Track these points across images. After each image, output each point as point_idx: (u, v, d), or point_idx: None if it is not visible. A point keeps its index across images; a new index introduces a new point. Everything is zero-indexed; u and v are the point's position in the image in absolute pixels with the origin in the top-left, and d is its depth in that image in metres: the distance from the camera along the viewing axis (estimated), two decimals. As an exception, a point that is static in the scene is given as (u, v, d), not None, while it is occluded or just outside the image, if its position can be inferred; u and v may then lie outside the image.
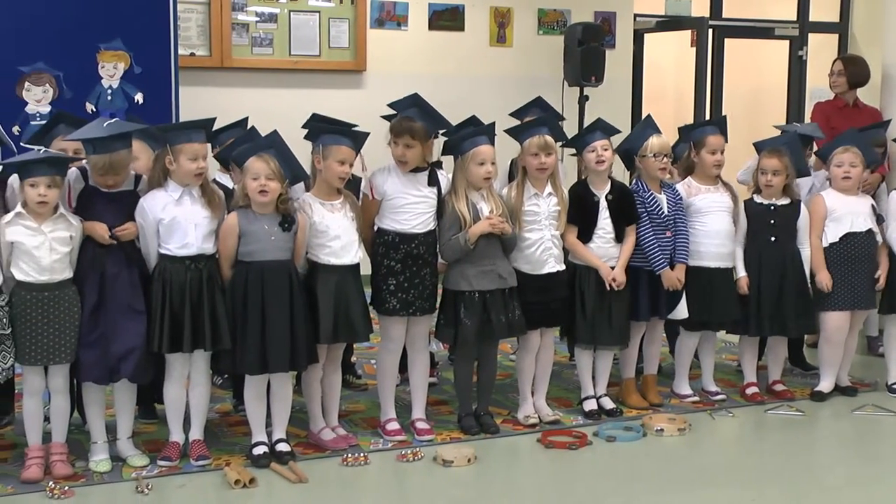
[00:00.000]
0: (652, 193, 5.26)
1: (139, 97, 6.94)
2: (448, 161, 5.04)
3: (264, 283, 4.45)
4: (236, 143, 4.81)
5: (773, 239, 5.43)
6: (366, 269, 4.82)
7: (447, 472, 4.56)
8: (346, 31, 8.52)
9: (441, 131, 5.07)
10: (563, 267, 5.08)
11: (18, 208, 4.28)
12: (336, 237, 4.62)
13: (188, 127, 4.56)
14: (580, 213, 5.10)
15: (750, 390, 5.59)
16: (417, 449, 4.74)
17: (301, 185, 4.75)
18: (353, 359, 5.82)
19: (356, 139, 4.69)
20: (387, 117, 5.00)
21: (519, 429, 5.10)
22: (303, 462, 4.57)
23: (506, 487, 4.46)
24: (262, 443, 4.60)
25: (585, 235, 5.11)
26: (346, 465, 4.58)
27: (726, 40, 10.25)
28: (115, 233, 4.35)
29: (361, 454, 4.66)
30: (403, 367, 5.11)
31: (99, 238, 4.35)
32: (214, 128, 4.82)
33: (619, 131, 5.37)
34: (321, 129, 4.77)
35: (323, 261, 4.62)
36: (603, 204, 5.13)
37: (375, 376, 5.22)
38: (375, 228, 4.86)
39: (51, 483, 4.24)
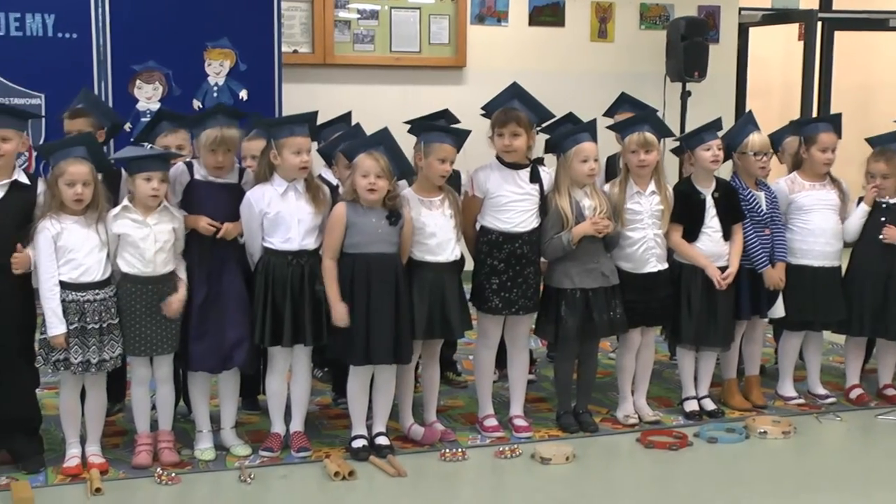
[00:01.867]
0: (750, 191, 5.17)
1: (244, 94, 7.08)
2: (549, 157, 5.02)
3: (370, 274, 4.48)
4: (342, 139, 4.87)
5: (882, 238, 5.28)
6: (466, 265, 4.82)
7: (545, 469, 4.55)
8: (446, 27, 8.54)
9: (539, 128, 5.04)
10: (665, 266, 5.02)
11: (125, 202, 4.41)
12: (432, 234, 4.63)
13: (291, 121, 4.62)
14: (686, 212, 5.03)
15: (854, 393, 5.44)
16: (515, 446, 4.73)
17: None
18: (454, 355, 5.83)
19: (458, 137, 4.70)
20: (485, 115, 5.00)
21: (618, 428, 5.06)
22: (401, 456, 4.60)
23: (604, 487, 4.43)
24: (362, 436, 4.64)
25: (692, 234, 5.04)
26: (444, 460, 4.60)
27: (836, 33, 10.01)
28: (218, 234, 4.44)
29: (459, 449, 4.67)
30: (502, 363, 5.11)
31: (202, 230, 4.45)
32: (318, 123, 4.87)
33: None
34: (423, 126, 4.79)
35: (418, 257, 4.64)
36: (710, 202, 5.05)
37: (473, 372, 5.21)
38: (478, 227, 4.86)
39: (159, 469, 4.36)
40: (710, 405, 5.22)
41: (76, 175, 4.26)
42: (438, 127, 4.77)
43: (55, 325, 4.22)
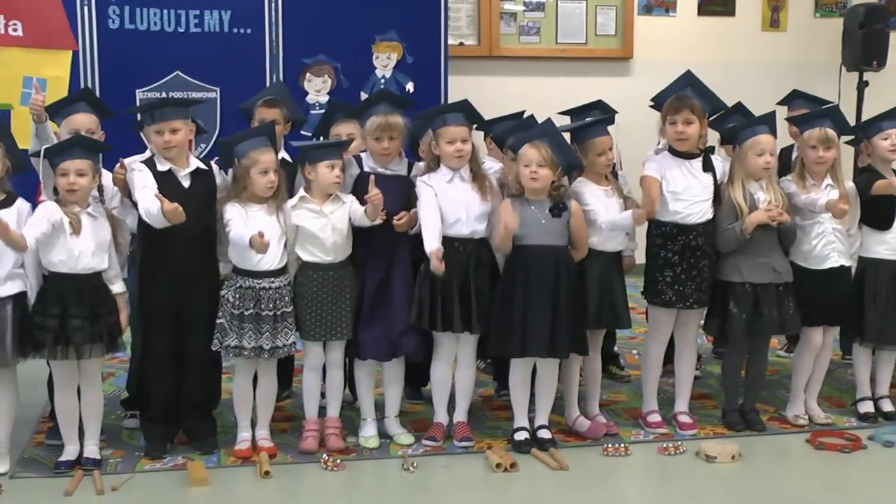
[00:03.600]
0: None
1: (410, 86, 7.17)
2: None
3: (530, 267, 4.47)
4: (512, 130, 4.89)
5: None
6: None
7: (710, 468, 4.46)
8: (613, 18, 8.46)
9: (709, 119, 4.94)
10: (847, 262, 4.86)
11: (301, 192, 4.52)
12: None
13: (445, 111, 4.67)
14: (884, 203, 4.85)
15: None
16: (680, 442, 4.66)
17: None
18: (616, 348, 5.78)
19: (608, 123, 4.71)
20: (654, 107, 4.94)
21: (787, 427, 4.92)
22: (564, 449, 4.59)
23: (772, 488, 4.30)
24: (524, 428, 4.64)
25: (887, 221, 4.86)
26: (606, 455, 4.56)
27: None
28: (394, 224, 4.50)
29: (622, 444, 4.63)
30: (666, 358, 5.03)
31: (372, 202, 4.50)
32: (491, 116, 4.90)
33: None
34: (571, 128, 4.78)
35: (596, 246, 4.61)
36: None
37: (637, 367, 5.14)
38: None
39: (325, 455, 4.45)
40: (887, 406, 5.03)
41: (268, 163, 4.41)
42: (586, 123, 4.75)
43: (244, 234, 4.25)
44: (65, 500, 4.07)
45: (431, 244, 4.39)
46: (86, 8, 6.61)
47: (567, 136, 4.68)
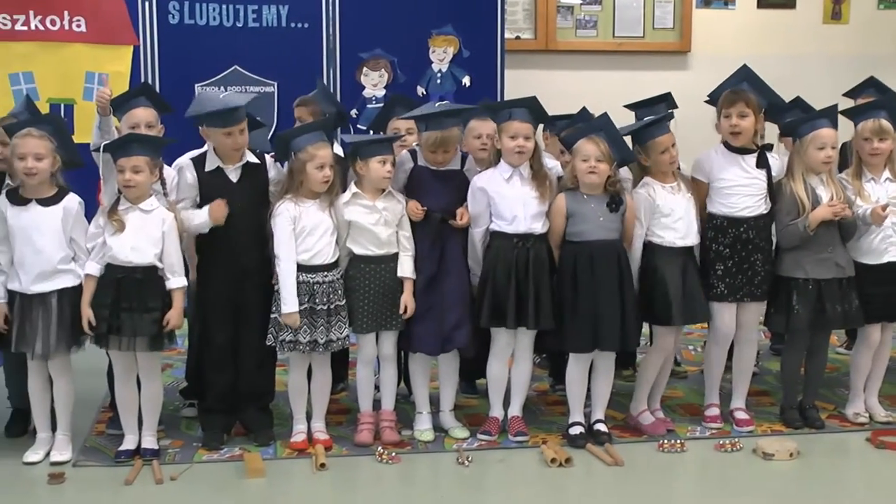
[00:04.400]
0: None
1: (466, 80, 7.16)
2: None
3: (593, 262, 4.47)
4: (568, 125, 4.88)
5: None
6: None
7: (767, 465, 4.42)
8: (671, 11, 8.37)
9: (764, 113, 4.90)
10: (905, 257, 4.78)
11: (353, 188, 4.54)
12: (679, 219, 4.59)
13: (512, 105, 4.66)
14: None
15: None
16: (736, 439, 4.61)
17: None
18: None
19: (668, 120, 4.68)
20: (710, 102, 4.91)
21: (846, 426, 4.86)
22: (619, 445, 4.57)
23: (831, 487, 4.25)
24: (580, 423, 4.63)
25: None
26: (662, 451, 4.54)
27: None
28: (453, 224, 4.54)
29: (678, 441, 4.60)
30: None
31: (412, 215, 4.54)
32: (553, 113, 4.89)
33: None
34: (633, 130, 4.75)
35: (668, 243, 4.59)
36: None
37: (694, 363, 5.08)
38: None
39: (380, 448, 4.48)
40: (951, 406, 4.95)
41: (326, 158, 4.44)
42: (646, 123, 4.73)
43: (291, 302, 4.38)
44: (125, 489, 4.14)
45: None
46: (146, 3, 6.69)
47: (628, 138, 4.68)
